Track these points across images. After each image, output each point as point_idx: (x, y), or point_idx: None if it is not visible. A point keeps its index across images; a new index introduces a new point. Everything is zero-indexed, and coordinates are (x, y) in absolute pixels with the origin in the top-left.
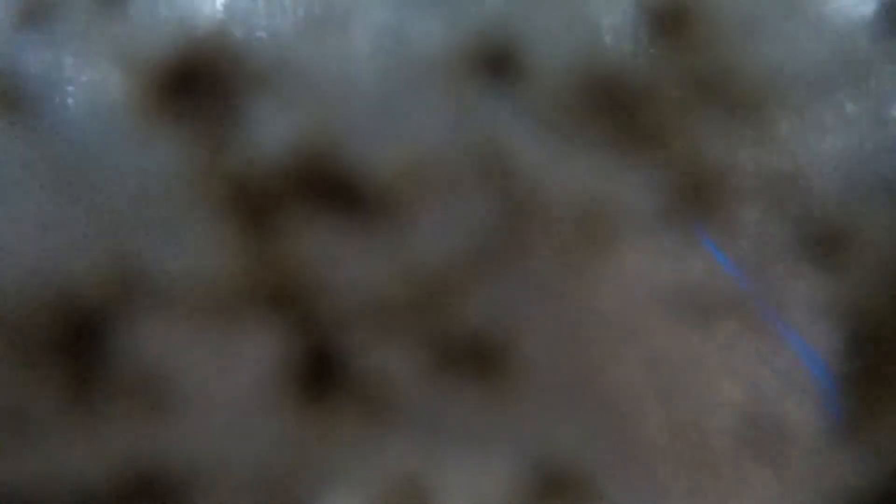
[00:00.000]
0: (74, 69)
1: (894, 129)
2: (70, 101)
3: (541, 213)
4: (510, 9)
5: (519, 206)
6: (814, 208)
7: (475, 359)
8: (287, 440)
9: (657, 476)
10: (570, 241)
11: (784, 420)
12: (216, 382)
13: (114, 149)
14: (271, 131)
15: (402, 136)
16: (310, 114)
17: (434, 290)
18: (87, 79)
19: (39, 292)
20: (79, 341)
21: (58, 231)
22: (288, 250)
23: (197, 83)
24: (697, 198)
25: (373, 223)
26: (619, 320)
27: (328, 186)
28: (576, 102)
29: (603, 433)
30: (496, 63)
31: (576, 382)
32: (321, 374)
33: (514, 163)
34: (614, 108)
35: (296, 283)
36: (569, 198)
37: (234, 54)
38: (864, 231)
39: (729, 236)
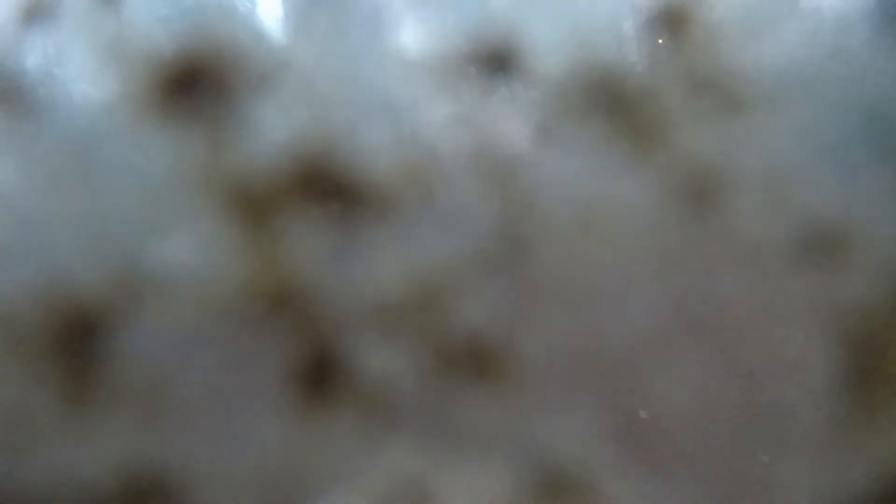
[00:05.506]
0: (74, 68)
1: (893, 128)
2: (69, 100)
3: (541, 214)
4: (510, 8)
5: (519, 206)
6: (813, 208)
7: (476, 359)
8: (287, 440)
9: (658, 477)
10: (570, 242)
11: (784, 421)
12: (216, 383)
13: (113, 148)
14: (271, 131)
15: (402, 137)
16: (310, 114)
17: (434, 291)
18: (86, 78)
19: (38, 291)
20: (77, 341)
21: (56, 230)
22: (288, 251)
23: (197, 82)
24: (696, 198)
25: (373, 223)
26: (618, 321)
27: (328, 186)
28: (575, 102)
29: (604, 434)
30: (496, 62)
31: (576, 383)
32: (321, 374)
33: (514, 163)
34: (614, 107)
35: (296, 283)
36: (569, 198)
37: (234, 54)
38: (863, 231)
39: (728, 236)
